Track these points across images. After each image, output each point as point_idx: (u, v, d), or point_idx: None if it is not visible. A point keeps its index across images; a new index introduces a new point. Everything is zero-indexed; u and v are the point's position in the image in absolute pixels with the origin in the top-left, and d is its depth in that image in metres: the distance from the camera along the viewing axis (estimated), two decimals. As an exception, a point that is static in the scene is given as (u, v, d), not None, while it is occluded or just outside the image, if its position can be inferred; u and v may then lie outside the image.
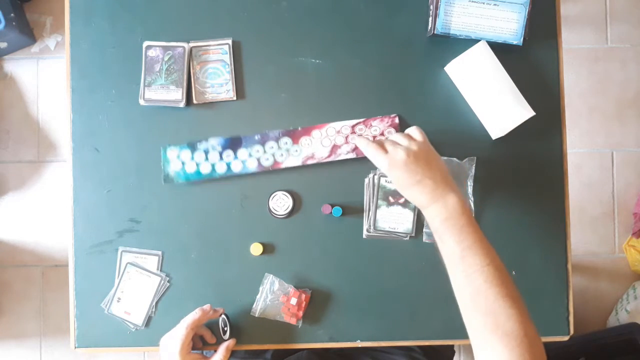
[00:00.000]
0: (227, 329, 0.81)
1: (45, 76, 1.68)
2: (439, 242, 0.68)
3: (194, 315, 0.77)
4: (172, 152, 0.83)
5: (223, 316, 0.81)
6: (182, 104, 0.82)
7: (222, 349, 0.79)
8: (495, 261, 0.65)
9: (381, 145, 0.73)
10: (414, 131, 0.74)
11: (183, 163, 0.83)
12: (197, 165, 0.83)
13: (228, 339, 0.81)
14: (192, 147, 0.82)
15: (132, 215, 0.84)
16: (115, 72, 0.84)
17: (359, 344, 0.83)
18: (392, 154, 0.71)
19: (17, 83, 1.67)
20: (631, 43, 1.66)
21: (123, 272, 0.83)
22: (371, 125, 0.83)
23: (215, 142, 0.83)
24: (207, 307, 0.78)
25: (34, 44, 1.67)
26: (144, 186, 0.84)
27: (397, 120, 0.83)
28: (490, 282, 0.63)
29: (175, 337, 0.75)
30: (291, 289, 0.82)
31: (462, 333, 0.84)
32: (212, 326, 0.83)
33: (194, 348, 0.79)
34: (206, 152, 0.83)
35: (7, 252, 1.66)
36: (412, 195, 0.71)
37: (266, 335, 0.83)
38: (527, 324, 0.62)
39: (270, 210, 0.83)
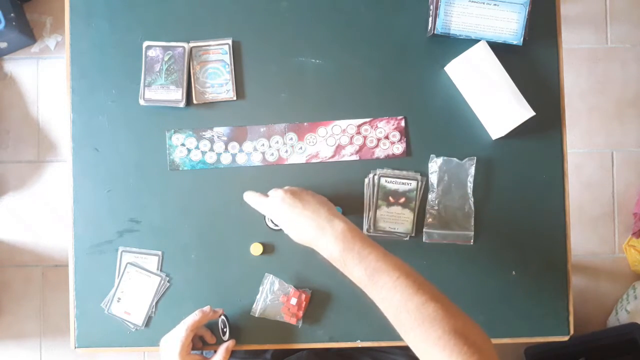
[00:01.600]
0: (227, 329, 0.81)
1: (45, 76, 1.68)
2: (346, 273, 0.66)
3: (194, 317, 0.77)
4: (176, 138, 0.83)
5: (222, 317, 0.81)
6: (182, 104, 0.82)
7: (222, 350, 0.79)
8: (403, 270, 0.62)
9: (255, 195, 0.76)
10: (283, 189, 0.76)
11: (189, 150, 0.83)
12: (203, 154, 0.83)
13: (228, 339, 0.81)
14: (197, 136, 0.83)
15: (132, 215, 0.84)
16: (115, 72, 0.84)
17: (359, 344, 0.83)
18: (271, 194, 0.73)
19: (17, 83, 1.67)
20: (631, 43, 1.66)
21: (123, 272, 0.83)
22: (377, 126, 0.84)
23: (220, 131, 0.83)
24: (207, 308, 0.78)
25: (34, 44, 1.67)
26: (144, 186, 0.84)
27: (403, 123, 0.83)
28: (406, 295, 0.60)
29: (175, 338, 0.75)
30: (291, 289, 0.82)
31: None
32: (212, 326, 0.83)
33: (193, 348, 0.79)
34: (211, 142, 0.83)
35: (7, 252, 1.66)
36: (299, 231, 0.69)
37: (266, 335, 0.83)
38: (457, 318, 0.59)
39: (266, 224, 0.83)
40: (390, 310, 0.62)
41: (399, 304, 0.60)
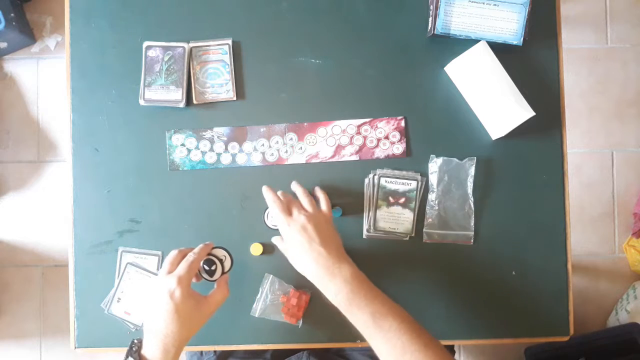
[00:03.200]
0: (216, 267, 0.75)
1: (45, 76, 1.68)
2: (349, 315, 0.68)
3: (188, 273, 0.70)
4: (176, 139, 0.83)
5: (210, 257, 0.76)
6: (182, 104, 0.82)
7: (222, 282, 0.74)
8: (404, 315, 0.67)
9: (288, 205, 0.74)
10: (322, 200, 0.77)
11: (189, 150, 0.83)
12: (203, 154, 0.84)
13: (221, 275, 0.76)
14: (197, 136, 0.83)
15: (132, 215, 0.84)
16: (115, 72, 0.84)
17: (359, 344, 0.83)
18: (295, 217, 0.72)
19: (17, 83, 1.67)
20: (631, 43, 1.66)
21: (123, 272, 0.83)
22: (377, 126, 0.84)
23: (220, 131, 0.83)
24: (192, 257, 0.72)
25: (34, 44, 1.67)
26: (144, 186, 0.84)
27: (403, 123, 0.83)
28: (410, 338, 0.64)
29: (178, 280, 0.68)
30: (291, 289, 0.82)
31: (462, 333, 0.85)
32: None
33: None
34: (211, 142, 0.83)
35: (7, 252, 1.66)
36: (305, 263, 0.70)
37: (266, 335, 0.83)
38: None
39: (265, 222, 0.84)
40: (394, 351, 0.65)
41: (403, 345, 0.64)
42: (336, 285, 0.68)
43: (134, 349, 0.67)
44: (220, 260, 0.76)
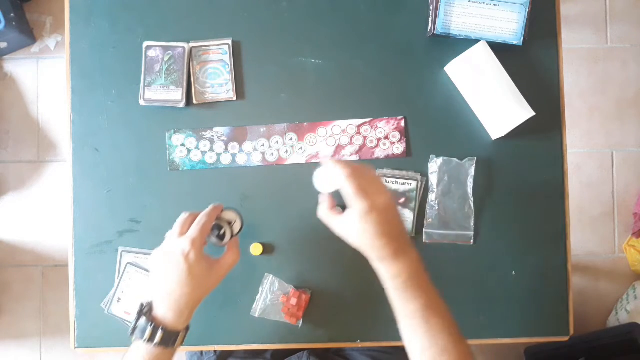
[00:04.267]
0: (225, 231, 0.74)
1: (45, 76, 1.68)
2: (398, 301, 0.65)
3: (201, 235, 0.68)
4: (176, 139, 0.83)
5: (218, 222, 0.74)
6: (182, 104, 0.82)
7: (232, 245, 0.73)
8: (449, 317, 0.66)
9: (359, 182, 0.64)
10: (381, 179, 0.73)
11: (189, 150, 0.83)
12: (203, 154, 0.84)
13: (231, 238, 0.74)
14: (197, 136, 0.83)
15: (132, 215, 0.84)
16: (115, 72, 0.84)
17: (359, 344, 0.83)
18: (374, 197, 0.64)
19: (17, 83, 1.67)
20: (631, 43, 1.66)
21: (123, 272, 0.83)
22: (377, 126, 0.84)
23: (220, 131, 0.83)
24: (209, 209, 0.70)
25: (34, 44, 1.67)
26: (144, 186, 0.84)
27: (403, 123, 0.83)
28: (452, 341, 0.64)
29: (192, 241, 0.67)
30: (291, 289, 0.82)
31: (462, 333, 0.84)
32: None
33: None
34: (211, 142, 0.83)
35: (7, 252, 1.66)
36: (376, 247, 0.64)
37: (266, 335, 0.83)
38: None
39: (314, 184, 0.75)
40: (434, 349, 0.64)
41: (444, 346, 0.64)
42: (401, 266, 0.65)
43: (144, 310, 0.66)
44: (229, 223, 0.74)
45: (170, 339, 0.65)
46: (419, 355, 0.65)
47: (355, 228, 0.65)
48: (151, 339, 0.64)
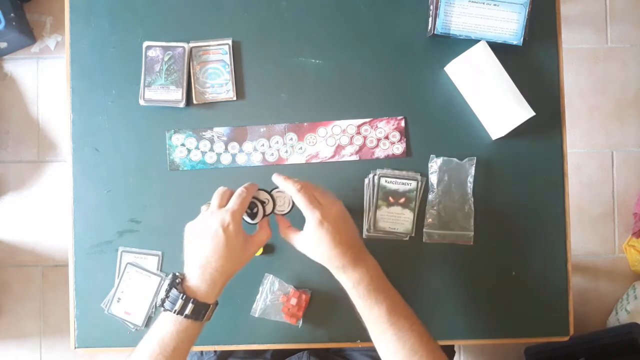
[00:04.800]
0: (257, 210, 0.74)
1: (45, 76, 1.68)
2: (363, 308, 0.67)
3: (241, 208, 0.68)
4: (176, 139, 0.83)
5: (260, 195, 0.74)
6: (182, 104, 0.82)
7: (264, 224, 0.73)
8: (415, 319, 0.67)
9: (311, 194, 0.69)
10: (331, 193, 0.73)
11: (189, 150, 0.83)
12: (203, 154, 0.84)
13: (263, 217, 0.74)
14: (197, 136, 0.83)
15: (132, 215, 0.84)
16: (115, 72, 0.84)
17: (359, 344, 0.83)
18: (327, 207, 0.67)
19: (17, 83, 1.67)
20: (631, 43, 1.66)
21: (123, 272, 0.83)
22: (377, 126, 0.84)
23: (220, 131, 0.83)
24: (247, 187, 0.70)
25: (34, 44, 1.67)
26: (144, 186, 0.84)
27: (403, 123, 0.83)
28: (419, 340, 0.65)
29: (231, 214, 0.67)
30: (291, 289, 0.82)
31: (462, 333, 0.85)
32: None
33: None
34: (211, 142, 0.83)
35: (7, 252, 1.66)
36: (333, 255, 0.66)
37: (266, 335, 0.83)
38: None
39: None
40: (403, 350, 0.65)
41: (412, 346, 0.65)
42: (359, 274, 0.67)
43: (177, 281, 0.66)
44: (262, 203, 0.74)
45: (200, 311, 0.65)
46: (391, 358, 0.66)
47: (312, 239, 0.67)
48: (181, 310, 0.64)
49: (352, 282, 0.67)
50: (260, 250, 0.83)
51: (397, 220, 0.83)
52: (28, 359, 1.67)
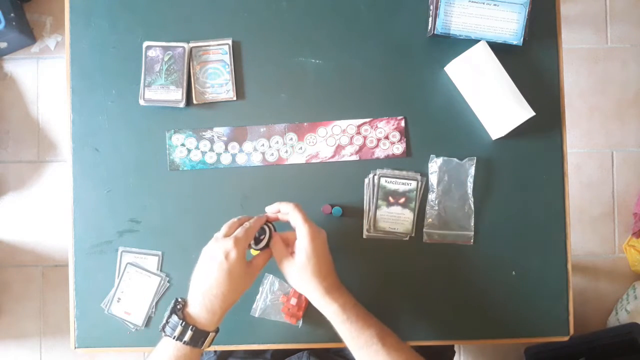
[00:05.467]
0: (265, 237, 0.74)
1: (45, 76, 1.68)
2: (353, 332, 0.69)
3: (245, 238, 0.69)
4: (176, 139, 0.83)
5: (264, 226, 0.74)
6: (182, 104, 0.82)
7: (266, 250, 0.74)
8: (396, 344, 0.69)
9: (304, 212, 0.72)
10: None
11: (189, 150, 0.83)
12: (203, 154, 0.84)
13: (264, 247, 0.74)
14: (197, 136, 0.83)
15: (132, 215, 0.84)
16: (115, 72, 0.84)
17: (359, 344, 0.83)
18: (316, 229, 0.71)
19: (17, 83, 1.67)
20: (631, 43, 1.66)
21: (123, 272, 0.83)
22: (377, 126, 0.84)
23: (220, 131, 0.83)
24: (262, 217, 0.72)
25: (34, 44, 1.67)
26: (144, 186, 0.84)
27: (403, 123, 0.83)
28: (410, 354, 0.69)
29: (236, 244, 0.68)
30: (291, 289, 0.82)
31: (462, 333, 0.85)
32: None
33: None
34: (211, 142, 0.83)
35: (7, 252, 1.66)
36: (324, 274, 0.70)
37: (266, 335, 0.83)
38: None
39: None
40: None
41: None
42: (344, 298, 0.71)
43: (178, 307, 0.67)
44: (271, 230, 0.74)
45: (199, 339, 0.66)
46: None
47: (306, 250, 0.69)
48: (180, 337, 0.65)
49: (339, 305, 0.69)
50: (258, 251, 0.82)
51: (397, 220, 0.83)
52: (28, 359, 1.67)
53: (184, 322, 0.65)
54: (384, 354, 0.67)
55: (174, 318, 0.66)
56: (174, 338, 0.65)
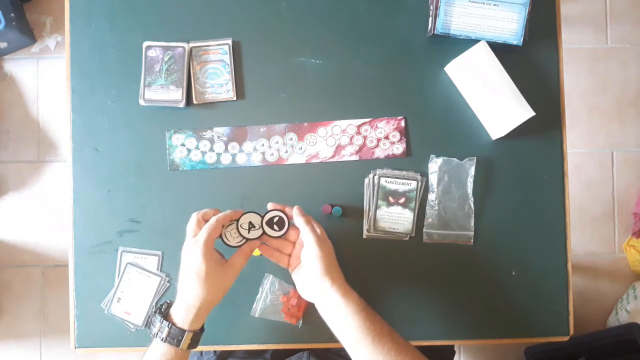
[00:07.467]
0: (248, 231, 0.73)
1: (45, 76, 1.68)
2: (367, 321, 0.68)
3: (208, 236, 0.69)
4: (176, 139, 0.83)
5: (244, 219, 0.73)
6: (182, 104, 0.82)
7: (245, 248, 0.73)
8: (403, 342, 0.69)
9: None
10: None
11: (189, 150, 0.83)
12: (203, 154, 0.84)
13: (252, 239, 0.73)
14: (197, 136, 0.83)
15: (132, 215, 0.84)
16: (115, 72, 0.84)
17: (359, 344, 0.83)
18: (323, 237, 0.72)
19: (17, 83, 1.67)
20: (631, 43, 1.66)
21: (123, 272, 0.83)
22: (377, 126, 0.84)
23: (220, 131, 0.83)
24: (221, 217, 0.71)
25: (34, 44, 1.67)
26: (144, 186, 0.84)
27: (403, 123, 0.83)
28: (415, 352, 0.69)
29: (203, 231, 0.69)
30: (291, 289, 0.82)
31: (462, 333, 0.85)
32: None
33: None
34: (211, 142, 0.83)
35: (7, 252, 1.66)
36: (335, 268, 0.71)
37: (266, 335, 0.83)
38: None
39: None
40: None
41: (413, 356, 0.68)
42: (354, 300, 0.70)
43: (162, 307, 0.70)
44: (251, 227, 0.73)
45: (176, 336, 0.67)
46: None
47: (315, 255, 0.70)
48: (159, 334, 0.67)
49: (353, 297, 0.69)
50: (259, 252, 0.82)
51: (397, 220, 0.83)
52: (28, 359, 1.67)
53: (162, 320, 0.68)
54: (395, 353, 0.67)
55: (156, 316, 0.68)
56: (153, 335, 0.68)
